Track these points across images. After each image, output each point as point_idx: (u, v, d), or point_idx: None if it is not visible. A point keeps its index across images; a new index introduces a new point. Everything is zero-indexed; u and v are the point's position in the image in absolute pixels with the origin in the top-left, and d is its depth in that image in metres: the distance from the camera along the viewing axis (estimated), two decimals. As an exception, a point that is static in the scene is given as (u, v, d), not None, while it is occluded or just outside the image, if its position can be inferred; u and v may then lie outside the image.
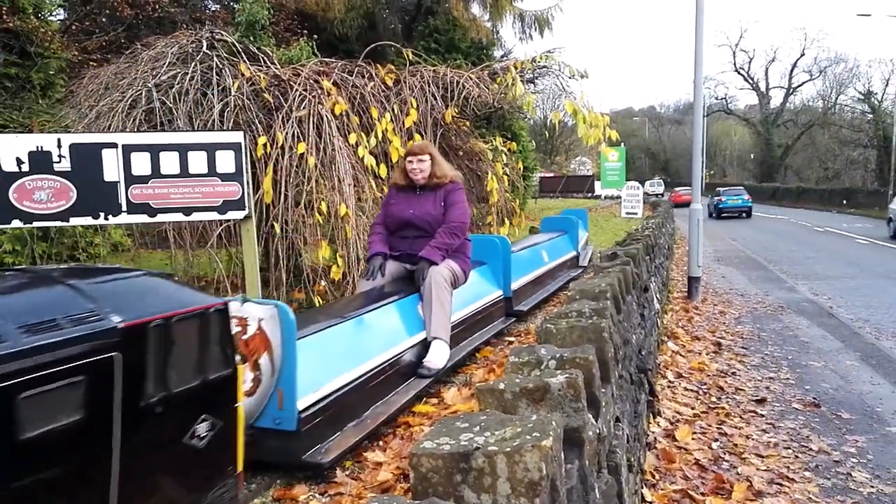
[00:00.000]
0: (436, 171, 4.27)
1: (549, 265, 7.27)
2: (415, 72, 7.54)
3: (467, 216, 4.32)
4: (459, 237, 4.18)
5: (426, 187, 4.26)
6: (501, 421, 1.51)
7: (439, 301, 3.86)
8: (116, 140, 4.69)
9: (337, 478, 2.60)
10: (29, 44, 11.91)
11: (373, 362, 3.33)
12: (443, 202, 4.21)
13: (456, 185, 4.31)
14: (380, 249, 4.16)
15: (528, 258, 6.73)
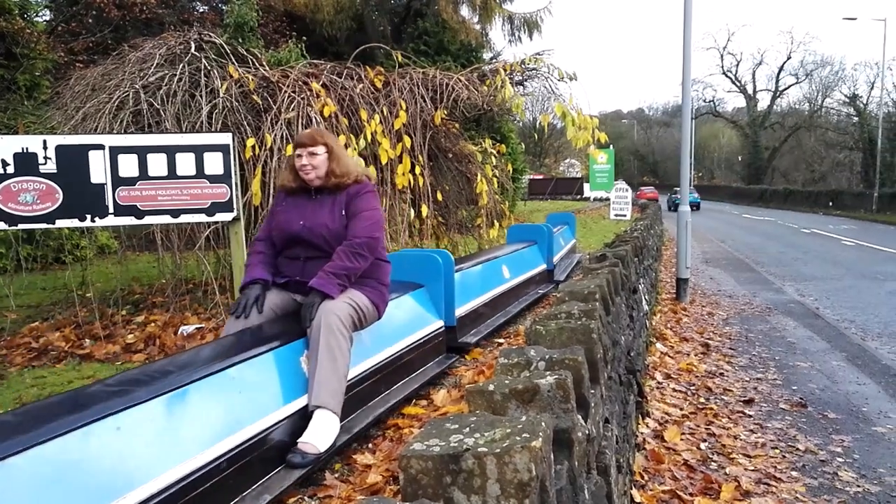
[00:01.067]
0: (334, 167, 3.23)
1: (510, 283, 6.19)
2: (404, 74, 7.53)
3: (379, 228, 3.22)
4: (365, 258, 3.10)
5: (323, 190, 3.26)
6: (491, 422, 1.51)
7: (329, 352, 2.78)
8: (103, 142, 4.66)
9: (326, 480, 2.59)
10: (14, 45, 11.83)
11: (205, 455, 2.16)
12: (343, 210, 3.19)
13: (363, 186, 3.26)
14: (257, 275, 3.14)
15: (482, 276, 5.62)
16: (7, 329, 5.59)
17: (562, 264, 8.80)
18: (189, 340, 4.96)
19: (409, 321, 3.97)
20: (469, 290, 5.13)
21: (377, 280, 3.25)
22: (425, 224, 7.45)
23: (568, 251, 9.94)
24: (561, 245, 9.24)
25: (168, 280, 6.60)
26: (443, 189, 7.91)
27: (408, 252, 4.69)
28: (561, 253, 8.96)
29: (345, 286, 3.03)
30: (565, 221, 10.90)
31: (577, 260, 9.83)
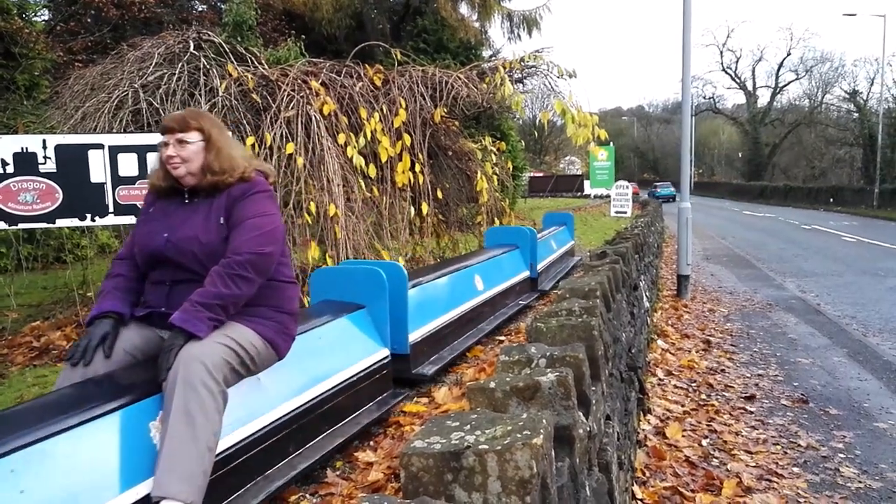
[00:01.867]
0: (212, 160, 2.41)
1: (484, 295, 5.38)
2: (403, 72, 7.53)
3: (271, 240, 2.38)
4: (249, 280, 2.28)
5: (199, 190, 2.45)
6: (492, 419, 1.51)
7: (186, 416, 2.01)
8: (103, 141, 4.66)
9: (327, 478, 2.59)
10: (13, 45, 11.82)
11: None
12: (223, 218, 2.38)
13: (252, 185, 2.44)
14: (107, 307, 2.34)
15: (447, 290, 4.80)
16: (8, 328, 5.59)
17: (551, 270, 7.96)
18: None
19: (339, 353, 3.17)
20: (429, 309, 4.35)
21: (274, 308, 2.45)
22: (426, 222, 7.45)
23: (563, 254, 9.17)
24: (552, 248, 8.53)
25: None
26: (443, 187, 7.90)
27: (346, 266, 3.88)
28: (551, 257, 8.16)
29: (218, 320, 2.22)
30: (562, 222, 10.21)
31: (573, 263, 9.06)
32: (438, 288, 4.71)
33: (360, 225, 6.20)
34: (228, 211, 2.39)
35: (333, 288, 3.67)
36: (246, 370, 2.32)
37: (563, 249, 9.25)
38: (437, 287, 4.69)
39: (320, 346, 3.07)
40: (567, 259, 9.40)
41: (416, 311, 4.05)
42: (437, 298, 4.60)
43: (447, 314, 4.60)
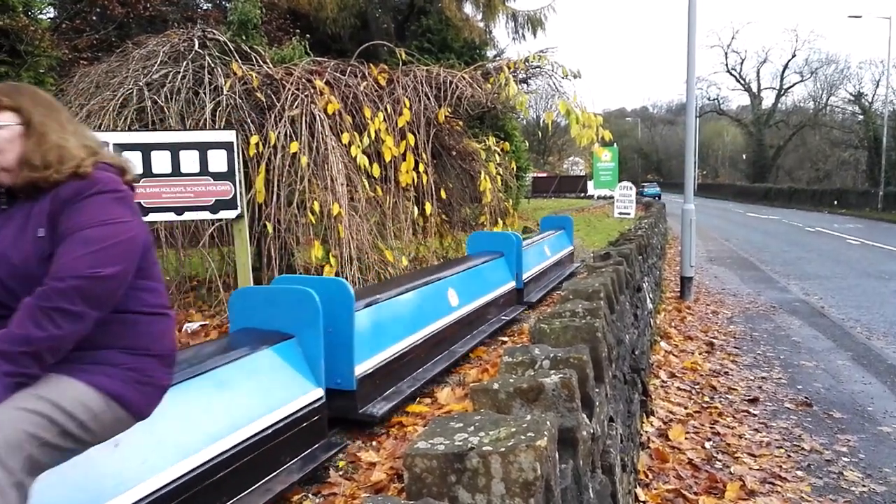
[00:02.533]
0: (30, 151, 1.77)
1: (459, 311, 4.81)
2: (408, 71, 7.53)
3: (117, 258, 1.71)
4: (74, 317, 1.61)
5: (18, 192, 1.82)
6: (496, 421, 1.51)
7: None
8: (107, 139, 4.66)
9: (330, 478, 2.59)
10: (19, 42, 11.81)
11: None
12: (43, 228, 1.74)
13: (92, 182, 1.76)
14: None
15: (411, 308, 4.19)
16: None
17: (542, 279, 7.38)
18: (193, 338, 4.97)
19: (253, 398, 2.56)
20: (385, 333, 3.75)
21: (127, 350, 1.79)
22: (429, 222, 7.45)
23: (559, 261, 8.54)
24: (545, 255, 7.89)
25: (172, 277, 6.61)
26: (446, 187, 7.90)
27: (272, 287, 3.30)
28: (543, 265, 7.57)
29: (25, 375, 1.58)
30: (560, 225, 9.66)
31: (571, 270, 8.56)
32: (399, 307, 4.07)
33: (364, 224, 6.20)
34: (53, 219, 1.71)
35: (256, 313, 3.05)
36: (75, 442, 1.66)
37: (558, 256, 8.65)
38: (398, 306, 4.05)
39: (230, 388, 2.48)
40: (564, 266, 8.81)
41: (368, 337, 3.51)
42: (398, 319, 4.01)
43: (411, 337, 4.03)
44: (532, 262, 7.02)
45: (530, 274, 6.81)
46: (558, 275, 8.19)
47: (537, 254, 7.49)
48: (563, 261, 8.88)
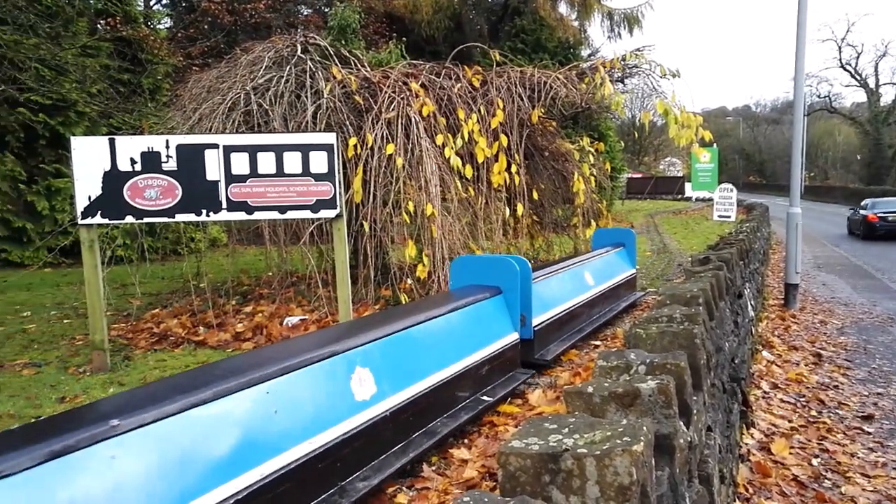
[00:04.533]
0: None
1: (431, 380, 3.23)
2: (501, 72, 7.54)
3: None
4: None
5: None
6: (591, 424, 1.51)
7: None
8: (218, 141, 4.93)
9: (423, 472, 2.65)
10: (140, 51, 12.76)
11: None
12: None
13: None
14: None
15: (316, 393, 2.60)
16: (133, 314, 6.06)
17: (573, 321, 5.28)
18: (293, 331, 5.19)
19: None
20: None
21: None
22: (520, 223, 7.44)
23: (609, 291, 6.28)
24: (584, 285, 5.78)
25: (274, 273, 6.94)
26: (538, 188, 7.86)
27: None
28: (575, 300, 5.43)
29: None
30: (618, 241, 7.36)
31: (629, 303, 6.62)
32: (318, 378, 2.86)
33: (456, 225, 6.27)
34: None
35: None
36: None
37: (610, 283, 6.36)
38: (315, 377, 3.09)
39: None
40: (619, 297, 6.59)
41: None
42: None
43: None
44: (556, 296, 5.11)
45: (550, 315, 4.82)
46: (606, 310, 6.09)
47: (569, 284, 5.51)
48: (618, 290, 6.61)
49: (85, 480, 1.74)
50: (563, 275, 5.44)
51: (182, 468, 1.96)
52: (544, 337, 4.62)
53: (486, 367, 3.76)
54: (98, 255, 4.71)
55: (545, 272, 5.09)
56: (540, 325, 4.54)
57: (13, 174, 10.28)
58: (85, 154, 4.69)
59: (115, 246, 6.96)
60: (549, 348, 4.63)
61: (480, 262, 4.42)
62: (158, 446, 1.90)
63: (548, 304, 4.84)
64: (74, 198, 4.65)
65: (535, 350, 4.37)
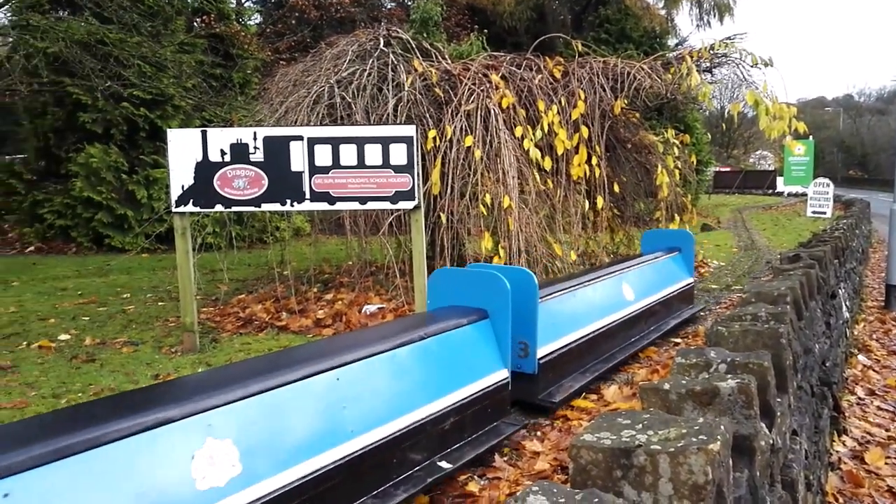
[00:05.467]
0: None
1: (349, 448, 2.31)
2: (584, 63, 7.41)
3: None
4: None
5: None
6: (665, 421, 1.48)
7: None
8: (302, 133, 5.09)
9: (495, 462, 2.66)
10: (231, 47, 13.31)
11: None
12: None
13: None
14: None
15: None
16: (221, 299, 6.36)
17: (597, 351, 4.19)
18: (371, 319, 5.32)
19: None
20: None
21: None
22: (600, 216, 7.31)
23: (656, 306, 5.22)
24: (622, 300, 4.74)
25: (354, 262, 7.11)
26: (620, 180, 7.70)
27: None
28: (606, 320, 4.37)
29: None
30: (673, 245, 6.12)
31: (682, 319, 5.51)
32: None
33: (533, 217, 6.23)
34: None
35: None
36: None
37: (657, 296, 5.30)
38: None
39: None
40: (668, 312, 5.47)
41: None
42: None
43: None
44: (576, 316, 4.11)
45: (565, 342, 3.84)
46: (650, 329, 4.99)
47: (598, 299, 4.46)
48: (669, 304, 5.50)
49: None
50: (587, 290, 4.37)
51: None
52: (556, 369, 3.69)
53: (452, 418, 2.79)
54: (189, 241, 4.96)
55: (560, 287, 4.09)
56: (549, 356, 3.60)
57: (116, 165, 10.95)
58: (179, 145, 4.95)
59: (206, 233, 7.31)
60: (563, 384, 3.69)
61: (463, 278, 3.43)
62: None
63: (563, 327, 3.89)
64: (170, 187, 4.91)
65: (538, 388, 3.46)
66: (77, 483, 1.62)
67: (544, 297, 3.67)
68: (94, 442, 1.67)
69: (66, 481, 1.60)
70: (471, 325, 3.16)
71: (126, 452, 1.72)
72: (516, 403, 3.33)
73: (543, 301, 3.61)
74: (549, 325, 3.65)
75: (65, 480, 1.60)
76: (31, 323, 5.74)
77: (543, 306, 3.57)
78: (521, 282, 3.40)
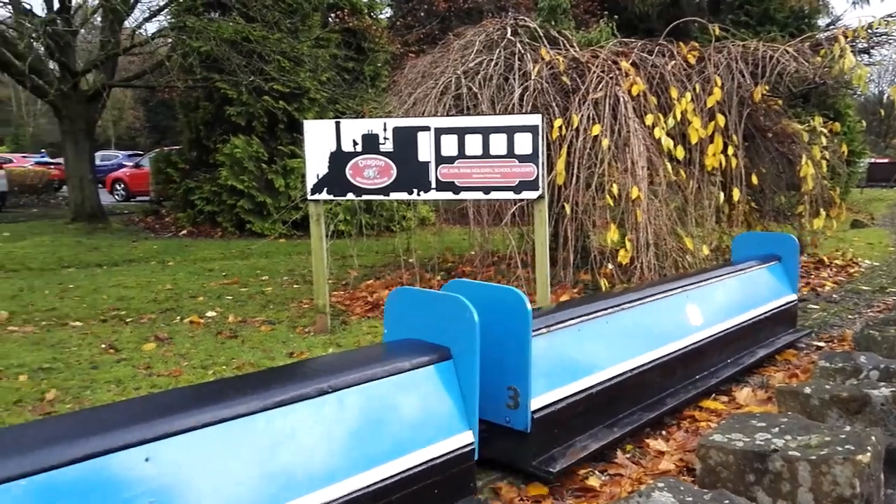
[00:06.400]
0: None
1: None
2: (720, 48, 7.02)
3: None
4: None
5: None
6: (806, 426, 1.40)
7: None
8: (430, 124, 5.20)
9: (617, 458, 2.62)
10: (363, 40, 13.81)
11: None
12: None
13: None
14: None
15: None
16: (351, 284, 6.66)
17: (636, 397, 3.10)
18: (492, 308, 5.35)
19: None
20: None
21: None
22: (736, 209, 6.92)
23: (742, 327, 4.03)
24: (685, 326, 3.61)
25: (476, 252, 7.18)
26: (759, 172, 7.23)
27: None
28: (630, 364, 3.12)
29: None
30: (771, 252, 4.80)
31: (780, 345, 4.27)
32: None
33: (663, 209, 6.00)
34: None
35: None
36: None
37: (741, 319, 4.06)
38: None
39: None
40: (757, 339, 4.20)
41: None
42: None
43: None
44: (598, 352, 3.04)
45: (578, 388, 2.82)
46: (727, 361, 3.80)
47: (641, 326, 3.35)
48: (759, 328, 4.24)
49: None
50: (622, 315, 3.23)
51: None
52: (563, 425, 2.69)
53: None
54: (323, 228, 5.22)
55: (576, 313, 3.00)
56: (551, 408, 2.64)
57: (257, 155, 11.70)
58: (315, 136, 5.22)
59: (337, 221, 7.65)
60: (574, 443, 2.68)
61: (423, 302, 2.57)
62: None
63: (577, 366, 2.87)
64: (305, 176, 5.19)
65: (531, 450, 2.55)
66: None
67: (549, 326, 2.79)
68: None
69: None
70: (415, 370, 2.30)
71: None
72: (502, 468, 2.60)
73: (546, 332, 2.76)
74: (554, 364, 2.74)
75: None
76: (183, 300, 6.29)
77: (545, 339, 2.73)
78: (506, 307, 2.53)
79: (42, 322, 5.43)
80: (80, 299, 6.32)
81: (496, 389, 2.53)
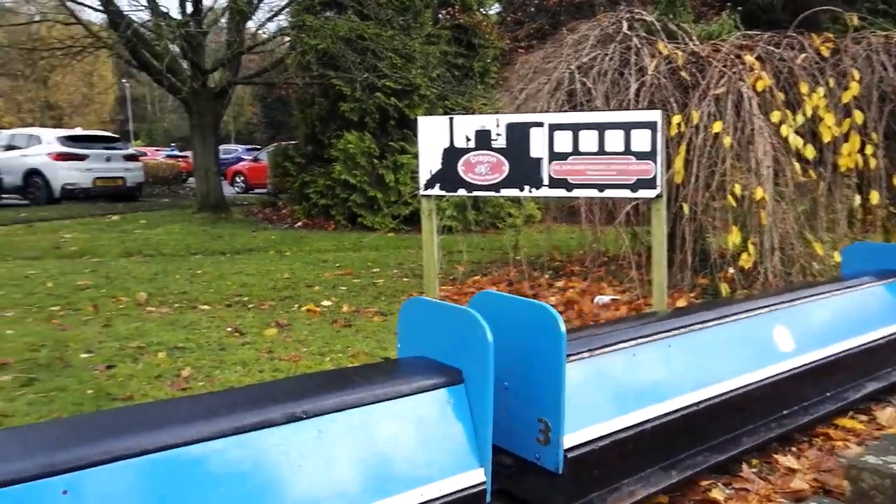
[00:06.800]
0: None
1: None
2: (859, 38, 6.52)
3: None
4: None
5: None
6: None
7: None
8: (543, 119, 5.17)
9: (742, 472, 2.50)
10: (473, 36, 13.88)
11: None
12: None
13: None
14: None
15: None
16: (459, 279, 6.74)
17: (679, 445, 2.48)
18: (604, 310, 5.26)
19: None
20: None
21: None
22: (873, 214, 6.42)
23: (848, 355, 3.31)
24: (773, 350, 2.99)
25: (587, 251, 7.06)
26: (901, 173, 6.67)
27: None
28: (692, 398, 2.54)
29: None
30: (890, 268, 3.94)
31: (893, 381, 3.51)
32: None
33: (790, 212, 5.66)
34: None
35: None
36: None
37: (846, 346, 3.34)
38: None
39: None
40: (865, 370, 3.45)
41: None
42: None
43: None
44: (660, 382, 2.53)
45: (624, 425, 2.32)
46: (826, 396, 3.14)
47: (711, 352, 2.78)
48: (870, 356, 3.49)
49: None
50: (685, 338, 2.70)
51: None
52: (605, 465, 2.25)
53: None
54: (435, 223, 5.30)
55: (627, 336, 2.51)
56: (590, 446, 2.20)
57: (369, 150, 12.04)
58: (429, 132, 5.31)
59: (446, 217, 7.74)
60: (620, 488, 2.28)
61: (435, 316, 2.21)
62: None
63: (625, 399, 2.39)
64: (415, 172, 5.30)
65: (564, 494, 2.13)
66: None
67: (591, 350, 2.34)
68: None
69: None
70: (419, 394, 1.94)
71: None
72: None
73: (589, 356, 2.33)
74: (597, 394, 2.31)
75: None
76: (300, 289, 6.59)
77: (586, 365, 2.30)
78: (537, 326, 2.10)
79: (175, 304, 5.85)
80: (207, 284, 6.76)
81: (526, 420, 2.14)
